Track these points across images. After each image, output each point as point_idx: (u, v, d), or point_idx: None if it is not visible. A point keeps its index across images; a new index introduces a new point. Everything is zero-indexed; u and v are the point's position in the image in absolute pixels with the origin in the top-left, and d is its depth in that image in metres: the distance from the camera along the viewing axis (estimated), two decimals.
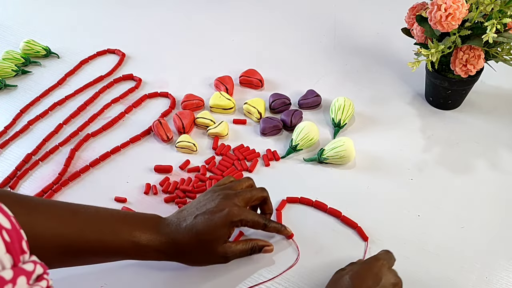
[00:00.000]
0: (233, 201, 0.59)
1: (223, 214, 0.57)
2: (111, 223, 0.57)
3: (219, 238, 0.58)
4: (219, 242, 0.58)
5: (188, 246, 0.57)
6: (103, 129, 0.81)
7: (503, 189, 0.72)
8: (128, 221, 0.57)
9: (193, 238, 0.57)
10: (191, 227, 0.57)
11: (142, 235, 0.56)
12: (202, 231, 0.57)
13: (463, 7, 0.68)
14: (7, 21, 1.03)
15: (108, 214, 0.58)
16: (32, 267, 0.35)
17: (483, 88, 0.86)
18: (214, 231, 0.57)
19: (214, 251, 0.58)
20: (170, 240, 0.57)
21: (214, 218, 0.57)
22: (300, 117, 0.81)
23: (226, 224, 0.57)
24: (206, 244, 0.57)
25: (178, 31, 1.01)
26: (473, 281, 0.62)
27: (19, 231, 0.36)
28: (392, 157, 0.76)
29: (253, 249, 0.60)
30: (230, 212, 0.58)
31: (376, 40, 0.98)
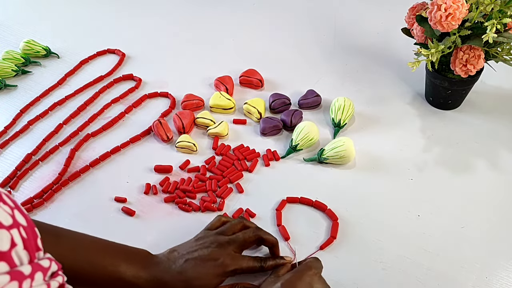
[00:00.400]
0: (227, 250, 0.58)
1: (217, 264, 0.56)
2: (96, 253, 0.55)
3: (208, 286, 0.56)
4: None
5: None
6: (103, 129, 0.81)
7: (503, 189, 0.72)
8: (116, 253, 0.56)
9: (182, 282, 0.56)
10: (180, 270, 0.56)
11: (128, 270, 0.55)
12: (192, 277, 0.56)
13: (463, 7, 0.68)
14: (7, 21, 1.03)
15: (94, 244, 0.56)
16: (48, 264, 0.35)
17: (483, 88, 0.86)
18: (206, 279, 0.56)
19: None
20: (157, 280, 0.56)
21: (206, 266, 0.56)
22: (300, 117, 0.81)
23: (219, 274, 0.57)
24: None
25: (178, 31, 1.01)
26: (473, 281, 0.62)
27: (34, 229, 0.36)
28: (392, 157, 0.76)
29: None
30: (225, 262, 0.57)
31: (376, 40, 0.98)
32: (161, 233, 0.67)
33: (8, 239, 0.32)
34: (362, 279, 0.62)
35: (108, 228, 0.68)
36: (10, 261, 0.32)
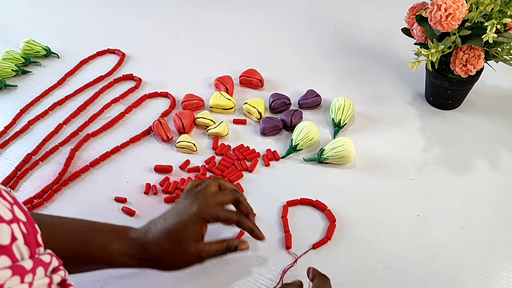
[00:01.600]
0: (203, 199, 0.57)
1: (193, 212, 0.55)
2: (78, 232, 0.55)
3: (190, 237, 0.55)
4: (191, 240, 0.55)
5: (159, 248, 0.55)
6: (103, 129, 0.81)
7: (503, 189, 0.72)
8: (98, 230, 0.56)
9: (164, 239, 0.55)
10: (160, 229, 0.56)
11: (112, 243, 0.55)
12: (172, 231, 0.55)
13: (463, 7, 0.68)
14: (7, 21, 1.03)
15: (75, 224, 0.56)
16: (49, 259, 0.35)
17: (483, 88, 0.86)
18: (185, 229, 0.55)
19: (186, 250, 0.55)
20: (140, 244, 0.55)
21: (183, 217, 0.55)
22: (300, 117, 0.81)
23: (197, 221, 0.55)
24: (178, 243, 0.55)
25: (178, 31, 1.01)
26: (473, 281, 0.62)
27: (34, 225, 0.36)
28: (392, 157, 0.76)
29: (228, 248, 0.57)
30: (201, 208, 0.56)
31: (376, 40, 0.99)
32: None
33: (8, 233, 0.32)
34: (362, 279, 0.62)
35: None
36: (12, 255, 0.32)
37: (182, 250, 0.55)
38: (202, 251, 0.56)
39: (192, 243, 0.55)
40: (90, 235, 0.55)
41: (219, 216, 0.56)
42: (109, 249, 0.54)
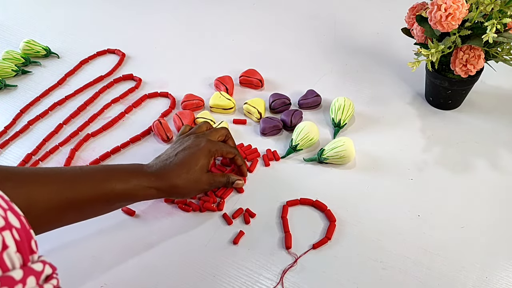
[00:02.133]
0: (205, 137, 0.69)
1: (202, 146, 0.66)
2: (100, 173, 0.60)
3: (201, 167, 0.65)
4: (203, 170, 0.66)
5: (177, 176, 0.63)
6: (103, 129, 0.81)
7: (503, 189, 0.72)
8: (116, 169, 0.62)
9: (180, 169, 0.64)
10: (176, 161, 0.64)
11: (132, 179, 0.61)
12: (188, 162, 0.64)
13: (463, 7, 0.68)
14: (7, 21, 1.04)
15: (95, 168, 0.63)
16: (41, 267, 0.35)
17: (483, 88, 0.86)
18: (198, 161, 0.65)
19: (200, 179, 0.65)
20: (159, 175, 0.63)
21: (194, 151, 0.66)
22: (300, 117, 0.81)
23: (206, 154, 0.66)
24: (193, 173, 0.64)
25: (178, 31, 1.01)
26: (473, 281, 0.62)
27: (29, 231, 0.36)
28: (392, 157, 0.76)
29: (229, 179, 0.69)
30: (207, 144, 0.67)
31: (376, 40, 0.99)
32: (161, 233, 0.67)
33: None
34: (362, 279, 0.62)
35: (108, 228, 0.68)
36: (2, 265, 0.31)
37: (196, 178, 0.65)
38: (211, 178, 0.67)
39: (204, 172, 0.66)
40: (112, 174, 0.61)
41: (222, 150, 0.69)
42: (132, 183, 0.61)
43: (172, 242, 0.64)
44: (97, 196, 0.58)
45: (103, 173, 0.61)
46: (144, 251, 0.64)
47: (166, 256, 0.64)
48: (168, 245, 0.65)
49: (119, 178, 0.60)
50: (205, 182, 0.66)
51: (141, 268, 0.63)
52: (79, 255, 0.64)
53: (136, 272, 0.62)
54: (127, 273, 0.62)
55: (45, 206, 0.54)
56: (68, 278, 0.60)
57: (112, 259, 0.64)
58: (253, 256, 0.64)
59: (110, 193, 0.59)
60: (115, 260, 0.63)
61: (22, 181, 0.54)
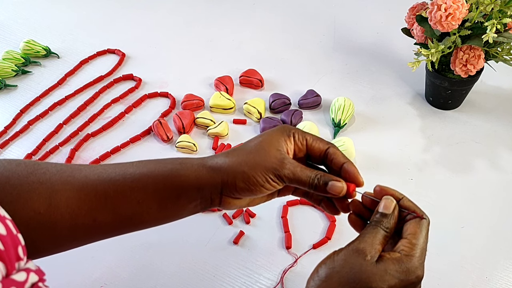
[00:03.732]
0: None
1: (277, 128, 0.49)
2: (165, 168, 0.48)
3: (276, 142, 0.47)
4: (276, 146, 0.46)
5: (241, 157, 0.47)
6: (103, 129, 0.81)
7: (503, 189, 0.72)
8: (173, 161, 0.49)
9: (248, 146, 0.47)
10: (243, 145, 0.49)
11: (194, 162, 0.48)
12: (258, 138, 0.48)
13: (463, 7, 0.68)
14: (7, 21, 1.03)
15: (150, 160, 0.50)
16: (25, 277, 0.33)
17: (483, 88, 0.86)
18: (270, 135, 0.47)
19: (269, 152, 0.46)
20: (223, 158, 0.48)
21: (267, 132, 0.49)
22: (300, 117, 0.81)
23: (281, 130, 0.48)
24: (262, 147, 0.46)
25: (178, 31, 1.01)
26: (473, 281, 0.62)
27: (16, 236, 0.34)
28: (392, 157, 0.76)
29: (317, 179, 0.46)
30: (284, 126, 0.49)
31: (376, 40, 0.98)
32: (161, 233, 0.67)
33: None
34: None
35: None
36: None
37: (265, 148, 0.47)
38: (286, 158, 0.46)
39: (276, 148, 0.47)
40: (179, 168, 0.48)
41: (305, 134, 0.48)
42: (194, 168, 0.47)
43: (172, 242, 0.64)
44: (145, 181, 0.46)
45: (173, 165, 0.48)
46: (144, 251, 0.64)
47: (166, 256, 0.64)
48: (168, 245, 0.65)
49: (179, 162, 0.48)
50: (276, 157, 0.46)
51: (141, 268, 0.63)
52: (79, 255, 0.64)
53: (136, 272, 0.62)
54: (127, 273, 0.62)
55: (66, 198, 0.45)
56: (68, 278, 0.60)
57: (112, 259, 0.64)
58: (253, 256, 0.64)
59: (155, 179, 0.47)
60: (115, 260, 0.63)
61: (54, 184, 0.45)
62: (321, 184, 0.46)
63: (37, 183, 0.44)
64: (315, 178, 0.46)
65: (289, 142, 0.48)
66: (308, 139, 0.48)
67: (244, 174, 0.46)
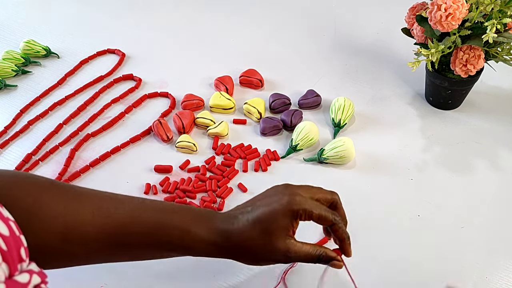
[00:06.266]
0: (295, 190, 0.53)
1: (284, 201, 0.50)
2: (157, 214, 0.51)
3: (280, 229, 0.50)
4: (280, 234, 0.50)
5: (245, 238, 0.50)
6: (103, 129, 0.81)
7: (503, 189, 0.72)
8: (178, 212, 0.52)
9: (251, 228, 0.50)
10: (248, 216, 0.51)
11: (192, 227, 0.50)
12: (261, 219, 0.50)
13: (463, 7, 0.68)
14: (7, 21, 1.03)
15: (155, 206, 0.53)
16: (27, 278, 0.33)
17: (483, 88, 0.86)
18: (275, 220, 0.50)
19: (274, 245, 0.50)
20: (224, 231, 0.50)
21: (273, 206, 0.50)
22: (300, 117, 0.81)
23: (287, 213, 0.50)
24: (266, 234, 0.50)
25: (178, 31, 1.01)
26: (473, 281, 0.62)
27: (19, 238, 0.34)
28: (392, 157, 0.76)
29: (320, 257, 0.52)
30: (292, 199, 0.50)
31: (376, 40, 0.99)
32: None
33: None
34: (362, 279, 0.62)
35: None
36: None
37: (269, 243, 0.50)
38: (291, 249, 0.51)
39: (281, 237, 0.50)
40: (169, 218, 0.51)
41: (312, 211, 0.51)
42: (191, 235, 0.50)
43: None
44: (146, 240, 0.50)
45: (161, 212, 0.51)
46: None
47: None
48: None
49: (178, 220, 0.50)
50: (280, 249, 0.50)
51: (141, 268, 0.63)
52: None
53: (136, 272, 0.62)
54: (127, 273, 0.62)
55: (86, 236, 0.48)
56: (68, 278, 0.60)
57: None
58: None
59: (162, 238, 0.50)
60: None
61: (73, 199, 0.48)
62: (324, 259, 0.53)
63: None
64: (318, 255, 0.53)
65: (295, 224, 0.52)
66: (314, 216, 0.51)
67: (252, 262, 0.54)
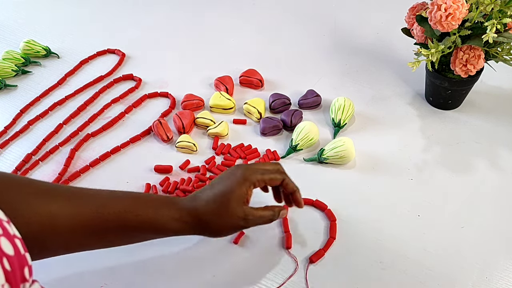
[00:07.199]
0: (246, 166, 0.60)
1: (239, 174, 0.58)
2: (128, 200, 0.56)
3: (237, 198, 0.57)
4: (238, 202, 0.57)
5: (207, 211, 0.57)
6: (103, 129, 0.81)
7: (503, 189, 0.72)
8: (146, 199, 0.58)
9: (211, 202, 0.57)
10: (209, 193, 0.58)
11: (161, 209, 0.56)
12: (220, 193, 0.57)
13: (463, 7, 0.68)
14: (7, 21, 1.03)
15: (124, 194, 0.58)
16: None
17: (483, 88, 0.86)
18: (231, 192, 0.57)
19: (234, 212, 0.57)
20: (190, 209, 0.57)
21: (230, 179, 0.58)
22: (300, 117, 0.81)
23: (242, 183, 0.57)
24: (225, 205, 0.57)
25: (178, 31, 1.01)
26: (473, 281, 0.62)
27: (23, 256, 0.35)
28: (392, 157, 0.76)
29: (273, 214, 0.60)
30: (245, 172, 0.58)
31: (376, 40, 0.99)
32: None
33: None
34: (362, 279, 0.62)
35: None
36: None
37: (229, 212, 0.57)
38: (248, 213, 0.58)
39: (239, 205, 0.57)
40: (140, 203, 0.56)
41: (263, 176, 0.58)
42: (161, 215, 0.56)
43: (172, 242, 0.64)
44: (122, 223, 0.54)
45: (131, 199, 0.57)
46: (144, 251, 0.64)
47: (166, 256, 0.64)
48: (168, 244, 0.64)
49: (147, 205, 0.56)
50: (240, 216, 0.57)
51: (141, 268, 0.63)
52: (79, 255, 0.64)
53: (136, 272, 0.62)
54: (127, 273, 0.62)
55: (67, 226, 0.51)
56: (68, 278, 0.60)
57: (112, 259, 0.64)
58: (253, 256, 0.64)
59: (135, 221, 0.55)
60: (115, 260, 0.63)
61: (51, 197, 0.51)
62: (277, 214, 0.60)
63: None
64: (271, 214, 0.60)
65: (250, 192, 0.59)
66: (266, 179, 0.59)
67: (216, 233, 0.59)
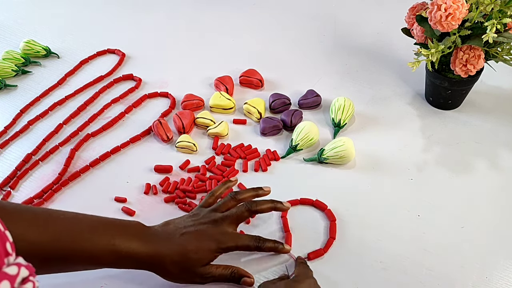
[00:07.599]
0: (221, 227, 0.60)
1: (213, 240, 0.58)
2: (89, 230, 0.55)
3: (203, 260, 0.58)
4: (202, 263, 0.58)
5: (171, 261, 0.57)
6: (103, 129, 0.81)
7: (503, 189, 0.72)
8: (108, 228, 0.57)
9: (179, 255, 0.57)
10: (178, 242, 0.57)
11: (122, 243, 0.56)
12: (190, 250, 0.57)
13: (463, 7, 0.68)
14: (7, 21, 1.03)
15: (86, 221, 0.57)
16: (16, 270, 0.34)
17: (483, 88, 0.86)
18: (202, 253, 0.58)
19: (195, 270, 0.58)
20: (154, 252, 0.57)
21: (202, 241, 0.58)
22: (300, 117, 0.81)
23: (214, 249, 0.58)
24: (190, 263, 0.57)
25: (178, 31, 1.01)
26: (473, 281, 0.62)
27: (3, 233, 0.35)
28: (392, 157, 0.76)
29: (232, 275, 0.59)
30: (220, 239, 0.58)
31: (376, 40, 0.98)
32: None
33: None
34: (362, 279, 0.62)
35: None
36: None
37: (191, 269, 0.58)
38: (208, 273, 0.58)
39: (202, 265, 0.58)
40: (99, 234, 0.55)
41: (237, 246, 0.59)
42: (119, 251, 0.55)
43: None
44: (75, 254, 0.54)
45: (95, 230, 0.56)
46: None
47: None
48: None
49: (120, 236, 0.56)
50: (199, 275, 0.58)
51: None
52: None
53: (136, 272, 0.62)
54: (127, 273, 0.62)
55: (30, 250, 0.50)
56: (68, 279, 0.60)
57: None
58: (253, 256, 0.64)
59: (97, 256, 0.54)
60: None
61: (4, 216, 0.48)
62: (236, 278, 0.60)
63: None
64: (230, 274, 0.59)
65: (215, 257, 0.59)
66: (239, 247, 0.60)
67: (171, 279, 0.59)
